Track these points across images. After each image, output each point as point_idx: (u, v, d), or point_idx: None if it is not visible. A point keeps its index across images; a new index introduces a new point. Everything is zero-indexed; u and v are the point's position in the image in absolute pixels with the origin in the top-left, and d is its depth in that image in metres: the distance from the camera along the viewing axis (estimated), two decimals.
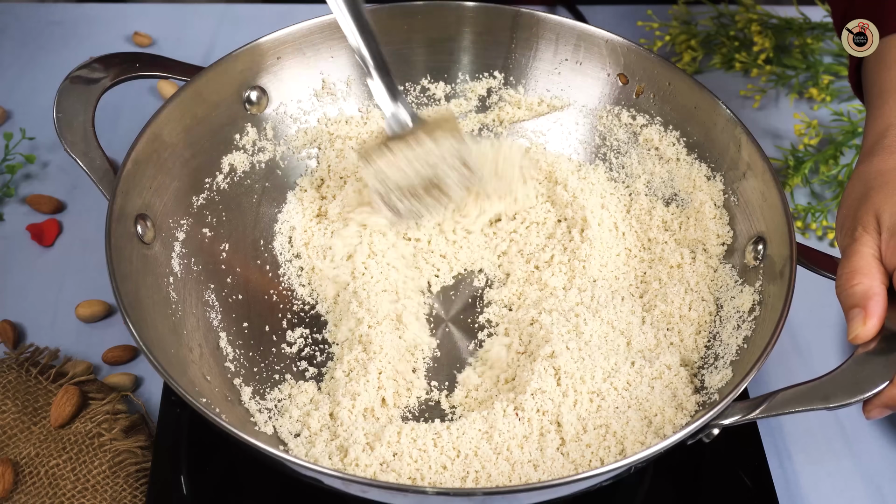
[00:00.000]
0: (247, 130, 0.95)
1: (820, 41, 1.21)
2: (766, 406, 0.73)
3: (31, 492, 0.83)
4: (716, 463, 0.86)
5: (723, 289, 0.88)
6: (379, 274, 0.91)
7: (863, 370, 0.73)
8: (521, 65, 1.00)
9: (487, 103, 1.02)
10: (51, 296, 0.98)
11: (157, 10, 1.30)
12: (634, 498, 0.85)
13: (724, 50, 1.22)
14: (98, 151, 0.85)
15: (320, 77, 0.98)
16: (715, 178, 0.93)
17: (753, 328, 0.82)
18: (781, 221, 0.83)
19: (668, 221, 0.94)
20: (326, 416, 0.82)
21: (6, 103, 1.15)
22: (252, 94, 0.95)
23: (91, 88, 0.88)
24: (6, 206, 1.05)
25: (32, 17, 1.26)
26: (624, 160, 0.99)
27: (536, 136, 1.01)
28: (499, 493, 0.70)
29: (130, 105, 1.12)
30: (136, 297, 0.78)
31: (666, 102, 0.96)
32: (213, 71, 0.91)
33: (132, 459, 0.85)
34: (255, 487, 0.84)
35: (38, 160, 1.09)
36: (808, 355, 0.96)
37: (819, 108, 1.17)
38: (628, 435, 0.78)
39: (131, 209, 0.83)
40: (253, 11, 1.30)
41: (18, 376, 0.89)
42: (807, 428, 0.91)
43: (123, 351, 0.93)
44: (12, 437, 0.86)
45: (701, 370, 0.84)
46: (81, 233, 1.03)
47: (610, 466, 0.69)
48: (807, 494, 0.87)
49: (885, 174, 0.77)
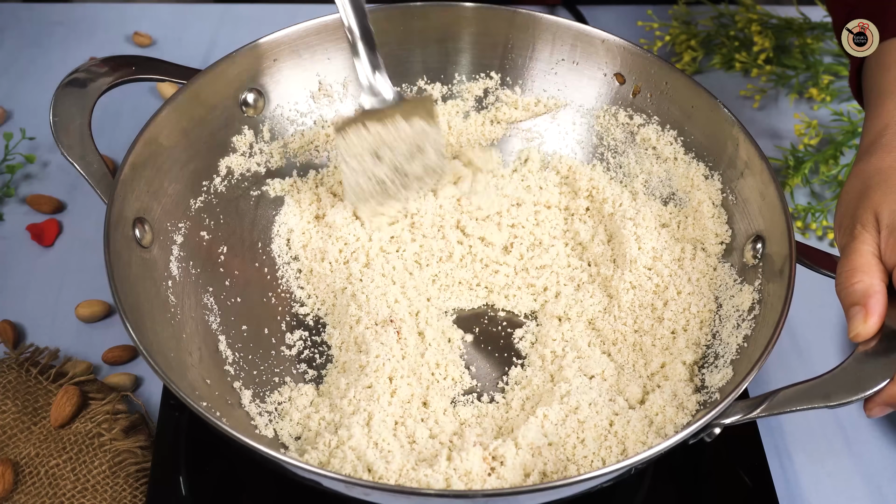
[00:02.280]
0: (244, 133, 0.95)
1: (820, 41, 1.21)
2: (767, 405, 0.73)
3: (31, 492, 0.83)
4: (716, 463, 0.86)
5: (722, 288, 0.88)
6: (380, 277, 0.92)
7: (863, 369, 0.73)
8: (518, 65, 1.00)
9: (484, 104, 1.02)
10: (51, 296, 0.98)
11: (157, 10, 1.30)
12: (635, 497, 0.85)
13: (724, 50, 1.22)
14: (95, 155, 0.85)
15: (317, 79, 0.98)
16: (713, 177, 0.93)
17: (753, 327, 0.82)
18: (780, 220, 0.83)
19: (667, 220, 0.94)
20: (327, 418, 0.82)
21: (6, 103, 1.15)
22: (249, 97, 0.95)
23: (88, 92, 0.88)
24: (6, 206, 1.05)
25: (32, 17, 1.26)
26: (621, 160, 0.99)
27: (533, 136, 1.01)
28: (499, 496, 0.70)
29: (130, 106, 1.12)
30: (136, 301, 0.78)
31: (663, 102, 0.96)
32: (209, 74, 0.91)
33: (132, 459, 0.85)
34: (254, 488, 0.84)
35: (38, 160, 1.10)
36: (808, 355, 0.96)
37: (819, 108, 1.17)
38: (629, 435, 0.78)
39: (129, 213, 0.83)
40: (253, 11, 1.30)
41: (18, 376, 0.89)
42: (807, 428, 0.91)
43: (123, 351, 0.93)
44: (12, 437, 0.86)
45: (701, 369, 0.84)
46: (81, 233, 1.03)
47: (612, 467, 0.69)
48: (807, 494, 0.87)
49: (883, 172, 0.77)
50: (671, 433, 0.77)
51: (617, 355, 0.87)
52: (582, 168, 0.99)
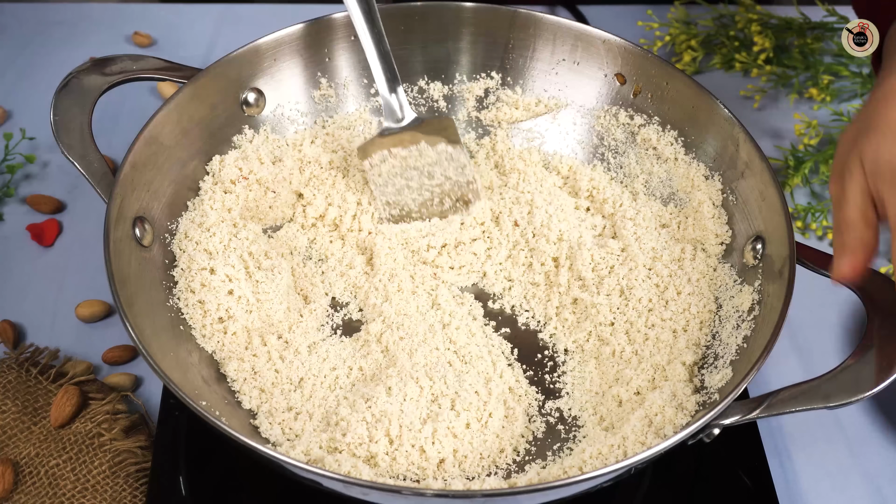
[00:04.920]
0: (244, 132, 0.95)
1: (820, 41, 1.21)
2: (766, 406, 0.73)
3: (31, 492, 0.83)
4: (716, 463, 0.86)
5: (722, 288, 0.88)
6: (387, 279, 0.92)
7: (863, 369, 0.73)
8: (519, 65, 1.00)
9: (485, 104, 1.02)
10: (51, 296, 0.98)
11: (157, 10, 1.30)
12: (634, 497, 0.85)
13: (724, 50, 1.22)
14: (96, 154, 0.85)
15: (317, 79, 0.98)
16: (713, 178, 0.93)
17: (753, 328, 0.82)
18: (780, 220, 0.83)
19: (667, 221, 0.94)
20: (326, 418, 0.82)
21: (6, 103, 1.15)
22: (249, 96, 0.95)
23: (88, 91, 0.88)
24: (6, 206, 1.05)
25: (32, 17, 1.26)
26: (622, 160, 0.99)
27: (534, 136, 1.01)
28: (499, 495, 0.70)
29: (131, 106, 1.12)
30: (136, 301, 0.78)
31: (663, 102, 0.96)
32: (210, 73, 0.91)
33: (132, 459, 0.85)
34: (254, 488, 0.84)
35: (38, 160, 1.10)
36: (808, 355, 0.96)
37: (819, 108, 1.17)
38: (629, 435, 0.78)
39: (129, 212, 0.83)
40: (253, 11, 1.30)
41: (18, 376, 0.89)
42: (807, 428, 0.91)
43: (123, 351, 0.93)
44: (12, 437, 0.86)
45: (701, 370, 0.84)
46: (81, 233, 1.03)
47: (612, 467, 0.69)
48: (807, 494, 0.87)
49: (871, 119, 0.78)
50: (670, 434, 0.77)
51: (615, 358, 0.87)
52: (582, 168, 0.99)
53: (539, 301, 0.92)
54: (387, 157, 0.93)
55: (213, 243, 0.88)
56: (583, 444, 0.81)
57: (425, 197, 0.94)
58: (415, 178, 0.94)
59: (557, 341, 0.90)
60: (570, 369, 0.88)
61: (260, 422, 0.81)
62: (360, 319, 0.90)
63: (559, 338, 0.90)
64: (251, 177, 0.92)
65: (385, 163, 0.93)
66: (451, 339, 0.87)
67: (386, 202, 0.94)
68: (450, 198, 0.95)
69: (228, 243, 0.88)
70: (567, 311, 0.90)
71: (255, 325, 0.86)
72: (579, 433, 0.83)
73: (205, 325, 0.84)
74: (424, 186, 0.94)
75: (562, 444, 0.82)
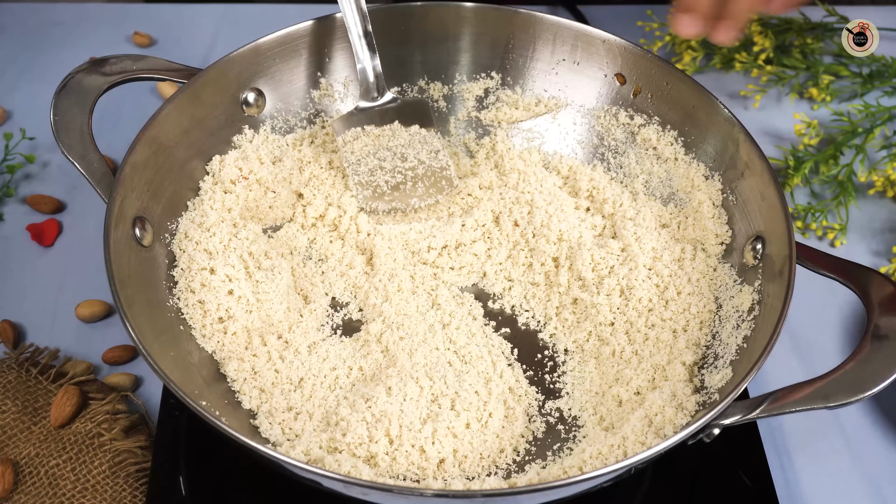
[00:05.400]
0: (244, 132, 0.95)
1: (820, 41, 1.21)
2: (766, 406, 0.73)
3: (31, 492, 0.83)
4: (716, 463, 0.86)
5: (722, 288, 0.88)
6: (387, 279, 0.92)
7: (863, 369, 0.73)
8: (519, 65, 1.00)
9: (485, 104, 1.02)
10: (51, 296, 0.98)
11: (157, 10, 1.30)
12: (634, 498, 0.85)
13: (724, 50, 1.22)
14: (96, 154, 0.85)
15: (317, 79, 0.98)
16: (713, 178, 0.93)
17: (753, 328, 0.82)
18: (780, 220, 0.83)
19: (667, 221, 0.94)
20: (326, 418, 0.82)
21: (6, 103, 1.15)
22: (249, 96, 0.95)
23: (88, 91, 0.88)
24: (6, 206, 1.05)
25: (32, 17, 1.26)
26: (622, 160, 0.99)
27: (534, 136, 1.01)
28: (499, 495, 0.70)
29: (131, 105, 1.12)
30: (136, 301, 0.78)
31: (663, 102, 0.96)
32: (209, 73, 0.91)
33: (132, 459, 0.85)
34: (254, 488, 0.84)
35: (38, 160, 1.10)
36: (808, 355, 0.96)
37: (819, 108, 1.17)
38: (629, 435, 0.78)
39: (129, 212, 0.83)
40: (253, 11, 1.30)
41: (18, 376, 0.89)
42: (807, 428, 0.91)
43: (123, 351, 0.93)
44: (12, 437, 0.86)
45: (701, 370, 0.84)
46: (81, 233, 1.03)
47: (612, 467, 0.69)
48: (807, 494, 0.87)
49: None
50: (670, 434, 0.77)
51: (615, 358, 0.87)
52: (582, 168, 0.99)
53: (539, 301, 0.92)
54: (360, 135, 0.95)
55: (213, 243, 0.88)
56: (583, 444, 0.81)
57: (398, 180, 0.95)
58: (388, 158, 0.94)
59: (557, 341, 0.90)
60: (570, 369, 0.88)
61: (260, 422, 0.81)
62: (360, 319, 0.90)
63: (559, 338, 0.90)
64: (251, 177, 0.92)
65: (358, 140, 0.94)
66: (451, 339, 0.87)
67: (359, 182, 0.94)
68: (423, 183, 0.95)
69: (228, 243, 0.89)
70: (567, 311, 0.91)
71: (255, 325, 0.86)
72: (579, 433, 0.83)
73: (205, 325, 0.84)
74: (398, 168, 0.95)
75: (562, 444, 0.82)
